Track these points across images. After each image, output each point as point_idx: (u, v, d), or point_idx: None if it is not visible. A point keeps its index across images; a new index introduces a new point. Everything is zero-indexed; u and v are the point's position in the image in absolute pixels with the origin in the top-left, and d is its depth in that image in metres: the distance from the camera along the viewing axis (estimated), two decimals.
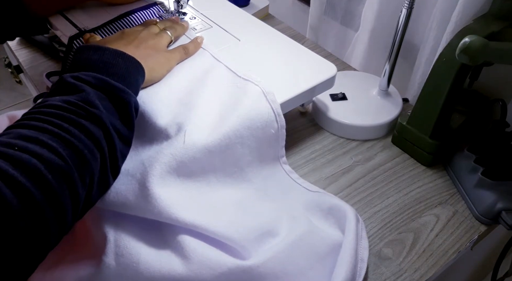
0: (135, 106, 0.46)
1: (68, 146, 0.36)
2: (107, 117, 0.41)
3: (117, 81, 0.44)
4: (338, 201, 0.53)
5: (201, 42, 0.63)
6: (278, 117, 0.54)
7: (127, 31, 0.56)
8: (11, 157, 0.33)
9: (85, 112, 0.40)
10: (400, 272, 0.50)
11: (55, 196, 0.34)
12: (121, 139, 0.43)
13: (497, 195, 0.54)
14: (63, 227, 0.36)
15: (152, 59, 0.53)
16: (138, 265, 0.43)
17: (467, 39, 0.46)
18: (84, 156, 0.37)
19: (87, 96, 0.41)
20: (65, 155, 0.35)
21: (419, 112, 0.61)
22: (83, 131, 0.38)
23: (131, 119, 0.45)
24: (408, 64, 0.79)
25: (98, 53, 0.46)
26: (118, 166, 0.43)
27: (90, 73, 0.44)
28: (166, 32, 0.60)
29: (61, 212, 0.35)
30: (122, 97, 0.44)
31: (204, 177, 0.51)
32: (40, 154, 0.34)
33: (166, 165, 0.47)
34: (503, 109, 0.61)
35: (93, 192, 0.40)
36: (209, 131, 0.50)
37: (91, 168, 0.38)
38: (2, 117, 0.57)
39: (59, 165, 0.35)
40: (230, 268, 0.43)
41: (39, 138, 0.35)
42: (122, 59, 0.47)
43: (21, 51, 0.82)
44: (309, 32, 0.95)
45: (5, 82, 2.10)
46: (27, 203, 0.32)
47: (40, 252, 0.34)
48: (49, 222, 0.33)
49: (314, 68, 0.62)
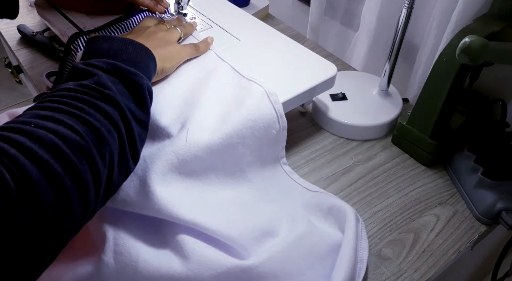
0: (149, 89, 0.46)
1: (84, 123, 0.36)
2: (121, 99, 0.41)
3: (128, 66, 0.44)
4: (338, 201, 0.53)
5: (211, 42, 0.63)
6: (280, 118, 0.55)
7: (136, 28, 0.57)
8: (28, 132, 0.32)
9: (100, 94, 0.39)
10: (400, 272, 0.50)
11: (75, 170, 0.33)
12: (137, 121, 0.43)
13: (497, 195, 0.54)
14: (86, 206, 0.35)
15: (162, 49, 0.53)
16: (137, 264, 0.43)
17: (467, 39, 0.46)
18: (101, 134, 0.37)
19: (99, 79, 0.40)
20: (82, 132, 0.35)
21: (419, 112, 0.61)
22: (98, 110, 0.38)
23: (145, 102, 0.45)
24: (408, 64, 0.79)
25: (108, 42, 0.46)
26: (137, 150, 0.43)
27: (101, 59, 0.44)
28: (176, 28, 0.60)
29: (83, 186, 0.34)
30: (134, 80, 0.44)
31: (205, 176, 0.51)
32: (56, 130, 0.33)
33: (167, 163, 0.47)
34: (503, 109, 0.61)
35: (114, 173, 0.39)
36: (212, 130, 0.50)
37: (109, 146, 0.37)
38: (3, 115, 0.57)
39: (76, 140, 0.34)
40: (229, 267, 0.43)
41: (55, 117, 0.35)
42: (132, 46, 0.47)
43: (21, 51, 0.82)
44: (309, 32, 0.95)
45: (5, 82, 2.10)
46: (47, 174, 0.31)
47: (65, 231, 0.33)
48: (71, 195, 0.33)
49: (314, 68, 0.62)
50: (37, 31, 0.83)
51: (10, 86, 2.08)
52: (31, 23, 0.86)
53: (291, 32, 0.92)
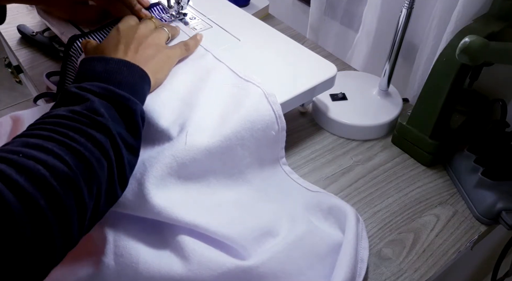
0: (142, 115, 0.45)
1: (74, 153, 0.35)
2: (113, 126, 0.40)
3: (122, 90, 0.44)
4: (338, 201, 0.53)
5: (200, 39, 0.63)
6: (279, 119, 0.54)
7: (123, 29, 0.55)
8: (15, 163, 0.32)
9: (91, 121, 0.39)
10: (400, 272, 0.50)
11: (60, 203, 0.33)
12: (128, 148, 0.42)
13: (497, 195, 0.54)
14: (69, 239, 0.34)
15: (153, 60, 0.53)
16: (138, 265, 0.43)
17: (467, 39, 0.46)
18: (90, 164, 0.36)
19: (92, 104, 0.40)
20: (70, 163, 0.34)
21: (419, 112, 0.61)
22: (89, 139, 0.37)
23: (137, 128, 0.44)
24: (408, 64, 0.79)
25: (102, 64, 0.46)
26: (126, 177, 0.42)
27: (94, 83, 0.43)
28: (163, 28, 0.60)
29: (66, 221, 0.33)
30: (127, 105, 0.43)
31: (204, 179, 0.51)
32: (45, 160, 0.33)
33: (166, 166, 0.47)
34: (503, 109, 0.61)
35: (100, 202, 0.38)
36: (210, 133, 0.50)
37: (98, 176, 0.37)
38: (6, 119, 0.57)
39: (64, 171, 0.33)
40: (229, 268, 0.43)
41: (44, 146, 0.34)
42: (127, 68, 0.47)
43: (21, 51, 0.82)
44: (309, 32, 0.95)
45: (5, 82, 2.10)
46: (30, 208, 0.30)
47: (44, 266, 0.33)
48: (53, 230, 0.32)
49: (314, 68, 0.62)
50: (37, 31, 0.83)
51: (10, 86, 2.08)
52: (31, 23, 0.86)
53: (291, 32, 0.92)
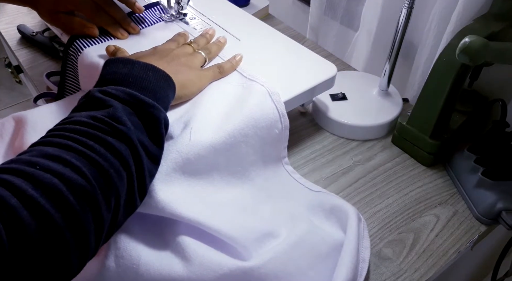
0: (165, 122, 0.44)
1: (93, 165, 0.35)
2: (135, 134, 0.39)
3: (147, 96, 0.43)
4: (340, 201, 0.53)
5: (240, 61, 0.60)
6: (283, 117, 0.55)
7: (160, 48, 0.55)
8: (31, 176, 0.31)
9: (112, 129, 0.38)
10: (400, 272, 0.50)
11: (76, 219, 0.32)
12: (149, 157, 0.41)
13: (497, 195, 0.54)
14: (85, 253, 0.34)
15: (183, 75, 0.52)
16: (138, 267, 0.43)
17: (467, 39, 0.46)
18: (109, 176, 0.35)
19: (114, 111, 0.39)
20: (89, 175, 0.34)
21: (419, 112, 0.61)
22: (109, 149, 0.36)
23: (160, 136, 0.43)
24: (408, 64, 0.79)
25: (127, 67, 0.45)
26: (145, 186, 0.41)
27: (119, 87, 0.42)
28: (201, 53, 0.58)
29: (83, 237, 0.33)
30: (151, 113, 0.42)
31: (208, 175, 0.51)
32: (62, 173, 0.32)
33: (172, 162, 0.47)
34: (503, 109, 0.61)
35: (119, 214, 0.37)
36: (215, 129, 0.50)
37: (117, 188, 0.36)
38: (8, 119, 0.56)
39: (82, 185, 0.33)
40: (231, 269, 0.43)
41: (62, 157, 0.33)
42: (152, 73, 0.45)
43: (21, 51, 0.82)
44: (309, 32, 0.95)
45: (5, 82, 2.10)
46: (46, 226, 0.30)
47: (62, 278, 0.32)
48: (70, 247, 0.32)
49: (314, 68, 0.62)
50: (37, 31, 0.83)
51: (10, 86, 2.08)
52: (31, 23, 0.86)
53: (291, 32, 0.92)
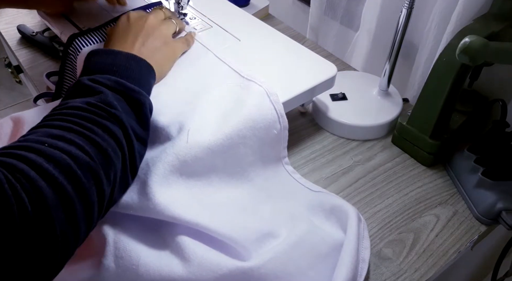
0: (150, 107, 0.47)
1: (93, 144, 0.38)
2: (126, 118, 0.42)
3: (131, 83, 0.46)
4: (340, 201, 0.53)
5: (194, 35, 0.65)
6: (281, 118, 0.55)
7: (133, 17, 0.57)
8: (43, 152, 0.34)
9: (106, 113, 0.41)
10: (400, 272, 0.50)
11: (84, 191, 0.35)
12: (138, 139, 0.44)
13: (497, 195, 0.54)
14: (90, 223, 0.37)
15: (159, 53, 0.55)
16: (138, 267, 0.43)
17: (467, 39, 0.46)
18: (108, 155, 0.38)
19: (105, 97, 0.42)
20: (91, 153, 0.37)
21: (419, 112, 0.61)
22: (105, 130, 0.40)
23: (146, 120, 0.46)
24: (408, 64, 0.79)
25: (111, 57, 0.48)
26: (136, 166, 0.45)
27: (105, 76, 0.45)
28: (172, 20, 0.61)
29: (89, 208, 0.36)
30: (137, 99, 0.45)
31: (206, 177, 0.51)
32: (68, 151, 0.35)
33: (169, 164, 0.47)
34: (503, 109, 0.61)
35: (115, 190, 0.41)
36: (212, 131, 0.50)
37: (114, 166, 0.39)
38: (6, 120, 0.56)
39: (86, 161, 0.36)
40: (230, 269, 0.43)
41: (66, 136, 0.36)
42: (134, 61, 0.49)
43: (21, 51, 0.82)
44: (309, 32, 0.95)
45: (5, 82, 2.10)
46: (60, 197, 0.33)
47: (70, 247, 0.35)
48: (79, 216, 0.34)
49: (314, 68, 0.62)
50: (37, 31, 0.83)
51: (10, 86, 2.08)
52: (31, 23, 0.86)
53: (291, 32, 0.92)
